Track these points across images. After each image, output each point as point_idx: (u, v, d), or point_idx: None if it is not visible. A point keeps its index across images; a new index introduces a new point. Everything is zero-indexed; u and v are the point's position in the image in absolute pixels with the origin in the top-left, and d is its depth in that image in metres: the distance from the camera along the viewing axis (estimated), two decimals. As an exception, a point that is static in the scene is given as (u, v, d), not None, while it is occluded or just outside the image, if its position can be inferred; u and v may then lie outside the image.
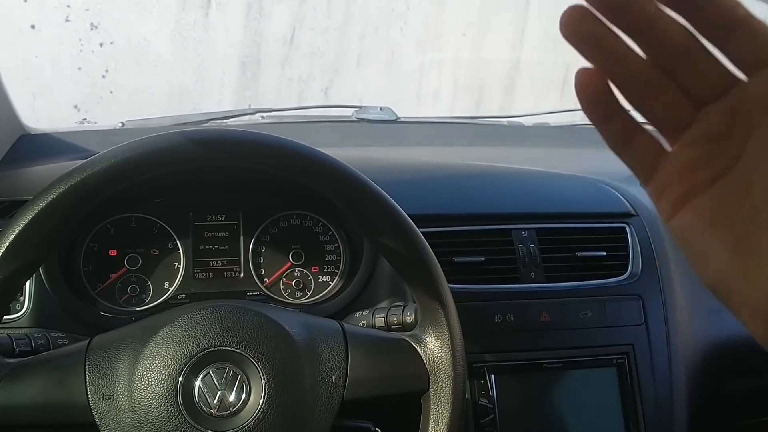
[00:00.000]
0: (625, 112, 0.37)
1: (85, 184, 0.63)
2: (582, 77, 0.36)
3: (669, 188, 0.37)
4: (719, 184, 0.35)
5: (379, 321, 0.80)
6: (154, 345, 0.64)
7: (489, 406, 0.88)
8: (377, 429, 0.76)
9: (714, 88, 0.35)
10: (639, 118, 0.37)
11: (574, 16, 0.34)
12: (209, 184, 0.92)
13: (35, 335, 0.72)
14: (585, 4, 0.34)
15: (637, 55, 0.35)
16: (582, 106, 0.37)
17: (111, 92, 2.04)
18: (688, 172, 0.36)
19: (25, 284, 0.80)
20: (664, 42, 0.34)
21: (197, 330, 0.65)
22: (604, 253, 0.96)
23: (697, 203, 0.35)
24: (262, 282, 0.93)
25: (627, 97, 0.36)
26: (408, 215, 0.71)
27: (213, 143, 0.68)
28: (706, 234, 0.35)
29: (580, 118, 1.71)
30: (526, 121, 1.47)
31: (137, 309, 0.88)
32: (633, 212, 1.01)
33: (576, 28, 0.35)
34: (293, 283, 0.93)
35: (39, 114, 1.92)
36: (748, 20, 0.34)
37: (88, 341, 0.67)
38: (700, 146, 0.36)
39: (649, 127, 0.38)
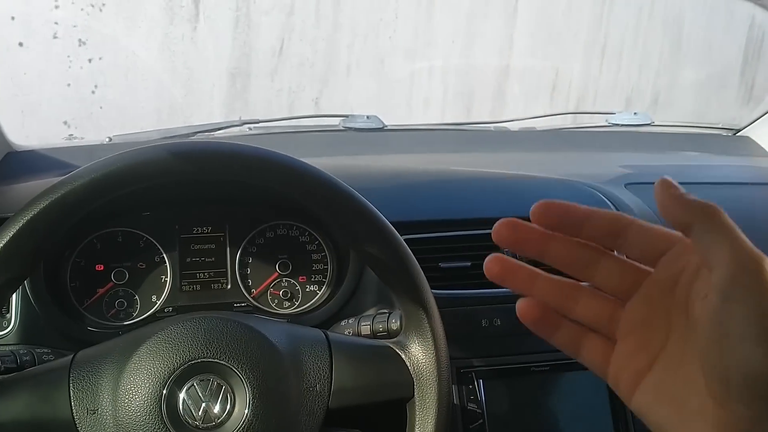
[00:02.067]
0: (568, 322, 0.44)
1: (66, 199, 0.64)
2: (521, 307, 0.44)
3: (620, 377, 0.42)
4: (657, 364, 0.40)
5: (365, 329, 0.80)
6: (137, 358, 0.64)
7: (478, 411, 0.88)
8: (365, 437, 0.76)
9: (622, 285, 0.42)
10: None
11: (491, 261, 0.43)
12: (195, 197, 0.93)
13: (20, 352, 0.72)
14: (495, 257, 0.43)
15: (545, 278, 0.43)
16: (532, 329, 0.44)
17: (101, 108, 2.04)
18: (630, 361, 0.41)
19: (9, 299, 0.81)
20: (564, 260, 0.42)
21: (180, 342, 0.65)
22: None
23: (645, 385, 0.40)
24: (250, 293, 0.93)
25: (556, 306, 0.43)
26: (393, 222, 0.72)
27: (194, 156, 0.68)
28: (657, 410, 0.40)
29: (567, 122, 1.72)
30: (513, 126, 1.48)
31: (125, 323, 0.89)
32: (618, 215, 1.01)
33: (494, 273, 0.43)
34: (281, 293, 0.93)
35: (29, 130, 1.92)
36: (634, 224, 0.40)
37: (72, 356, 0.67)
38: (633, 336, 0.41)
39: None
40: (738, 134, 1.53)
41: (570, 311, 0.43)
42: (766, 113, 1.49)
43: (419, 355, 0.71)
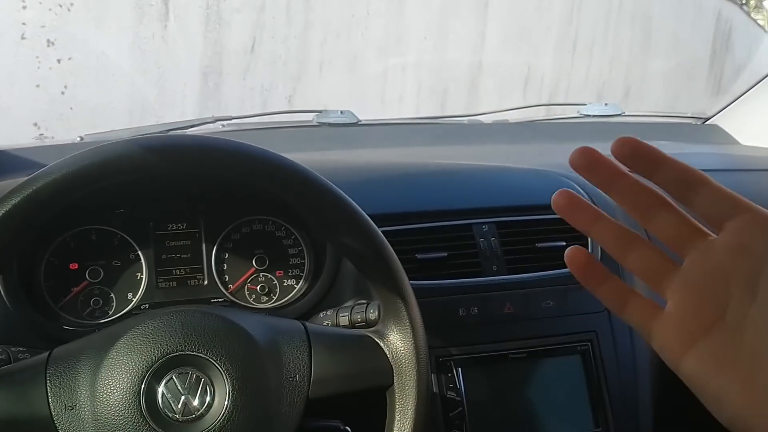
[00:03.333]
0: (615, 278, 0.43)
1: (39, 195, 0.63)
2: (569, 253, 0.44)
3: (669, 341, 0.41)
4: (714, 331, 0.39)
5: (343, 319, 0.80)
6: (115, 353, 0.64)
7: (457, 398, 0.89)
8: (347, 428, 0.77)
9: (678, 239, 0.41)
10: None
11: (559, 194, 0.43)
12: (169, 193, 0.92)
13: (-5, 351, 0.71)
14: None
15: (607, 219, 0.43)
16: (577, 277, 0.44)
17: (71, 108, 2.01)
18: (682, 324, 0.40)
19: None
20: (628, 198, 0.41)
21: (158, 336, 0.65)
22: (564, 243, 0.98)
23: (698, 352, 0.39)
24: (227, 288, 0.93)
25: (611, 252, 0.43)
26: (370, 214, 0.72)
27: (168, 150, 0.68)
28: (713, 379, 0.39)
29: (539, 114, 1.74)
30: (487, 119, 1.49)
31: (101, 321, 0.88)
32: (591, 202, 1.03)
33: (560, 204, 0.43)
34: (258, 288, 0.93)
35: (-3, 133, 1.89)
36: (707, 181, 0.40)
37: (48, 353, 0.66)
38: (687, 298, 0.40)
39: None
40: (707, 123, 1.55)
41: (624, 259, 0.42)
42: (733, 102, 1.52)
43: (398, 342, 0.71)
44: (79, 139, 1.20)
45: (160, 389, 0.63)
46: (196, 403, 0.64)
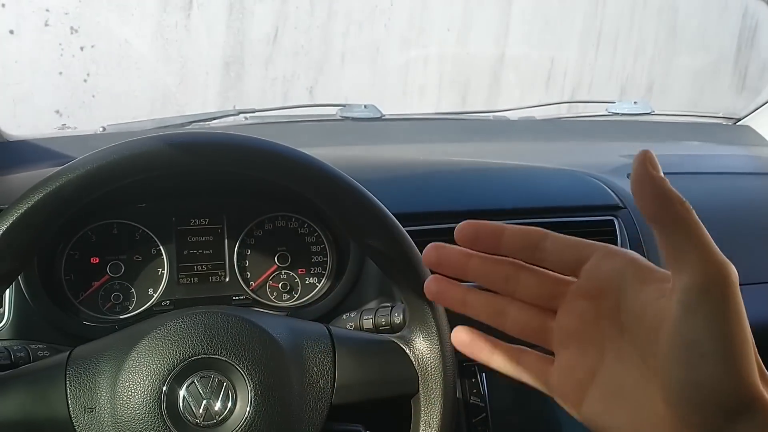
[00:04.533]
0: (503, 344, 0.44)
1: (61, 192, 0.62)
2: (454, 335, 0.45)
3: (564, 391, 0.42)
4: (598, 374, 0.40)
5: (367, 322, 0.79)
6: (136, 355, 0.63)
7: (481, 404, 0.87)
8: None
9: (543, 297, 0.42)
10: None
11: (430, 282, 0.44)
12: (192, 188, 0.91)
13: (15, 348, 0.70)
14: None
15: (476, 293, 0.43)
16: (468, 355, 0.45)
17: (93, 96, 2.01)
18: (571, 372, 0.41)
19: (3, 295, 0.79)
20: (484, 276, 0.43)
21: (180, 338, 0.64)
22: (593, 247, 0.95)
23: (589, 398, 0.40)
24: (248, 286, 0.91)
25: (488, 322, 0.44)
26: (395, 214, 0.70)
27: (192, 147, 0.66)
28: (607, 420, 0.39)
29: (566, 111, 1.71)
30: (512, 116, 1.47)
31: (121, 317, 0.87)
32: (621, 204, 1.00)
33: (431, 291, 0.44)
34: (280, 285, 0.92)
35: (20, 120, 1.89)
36: (547, 235, 0.41)
37: (68, 353, 0.65)
38: (569, 348, 0.41)
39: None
40: (738, 123, 1.52)
41: (502, 326, 0.43)
42: (766, 102, 1.48)
43: (424, 349, 0.69)
44: (101, 129, 1.19)
45: (182, 393, 0.62)
46: (217, 407, 0.62)
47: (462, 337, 0.45)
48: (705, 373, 0.33)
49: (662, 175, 0.35)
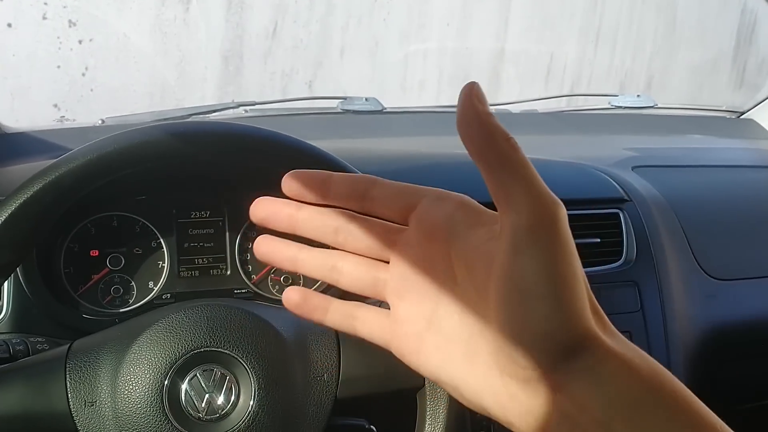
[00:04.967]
0: (337, 301, 0.42)
1: (61, 182, 0.61)
2: (285, 296, 0.42)
3: (402, 345, 0.40)
4: (433, 324, 0.38)
5: (371, 315, 0.77)
6: (137, 348, 0.62)
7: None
8: (372, 427, 0.74)
9: (374, 246, 0.40)
10: None
11: (259, 242, 0.42)
12: (192, 180, 0.89)
13: (14, 341, 0.69)
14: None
15: (307, 250, 0.42)
16: (300, 316, 0.42)
17: (91, 90, 2.00)
18: (406, 325, 0.39)
19: (1, 287, 0.78)
20: (313, 228, 0.41)
21: (182, 331, 0.62)
22: (598, 240, 0.94)
23: (428, 348, 0.38)
24: (250, 279, 0.90)
25: (321, 278, 0.42)
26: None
27: (193, 137, 0.66)
28: (445, 370, 0.38)
29: (567, 104, 1.70)
30: (514, 109, 1.46)
31: (121, 310, 0.86)
32: (626, 197, 0.99)
33: (261, 252, 0.42)
34: (281, 279, 0.91)
35: (18, 114, 1.88)
36: (375, 181, 0.40)
37: (68, 346, 0.64)
38: (403, 299, 0.39)
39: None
40: (742, 117, 1.51)
41: (336, 281, 0.41)
42: (770, 96, 1.47)
43: (429, 342, 0.68)
44: (100, 122, 1.18)
45: (184, 386, 0.61)
46: (220, 401, 0.61)
47: (293, 297, 0.42)
48: (537, 315, 0.32)
49: (488, 109, 0.33)
